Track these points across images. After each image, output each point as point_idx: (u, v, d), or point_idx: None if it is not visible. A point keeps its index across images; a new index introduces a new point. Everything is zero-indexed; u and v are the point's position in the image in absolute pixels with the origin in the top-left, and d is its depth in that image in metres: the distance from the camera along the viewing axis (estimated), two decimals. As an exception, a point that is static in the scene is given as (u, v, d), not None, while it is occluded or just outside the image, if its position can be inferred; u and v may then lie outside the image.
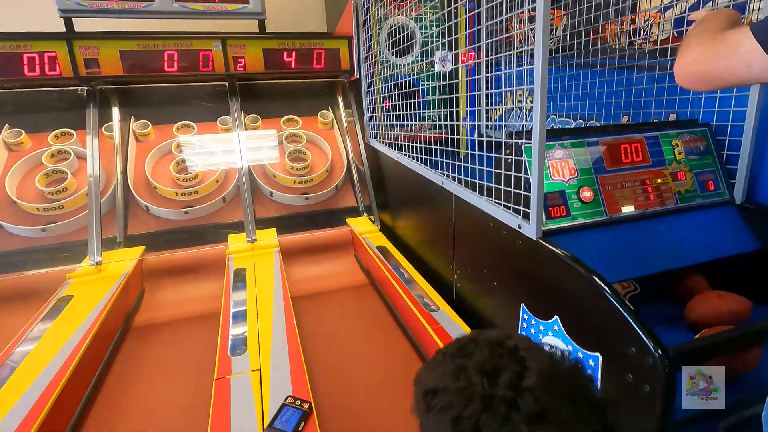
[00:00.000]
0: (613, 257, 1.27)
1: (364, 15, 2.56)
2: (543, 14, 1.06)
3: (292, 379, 1.34)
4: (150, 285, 2.31)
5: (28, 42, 2.18)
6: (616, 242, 1.31)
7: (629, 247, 1.31)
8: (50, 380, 1.36)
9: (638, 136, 1.43)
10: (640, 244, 1.31)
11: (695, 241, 1.38)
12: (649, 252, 1.32)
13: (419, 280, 1.96)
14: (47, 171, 2.48)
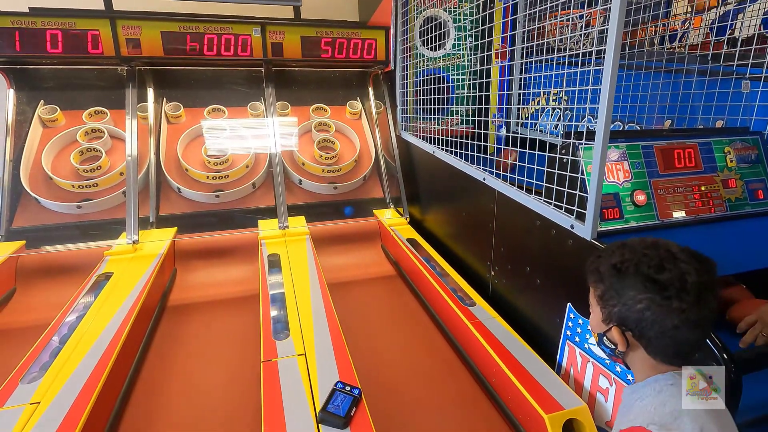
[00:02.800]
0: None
1: (403, 7, 2.55)
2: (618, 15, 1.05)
3: (338, 364, 1.37)
4: (182, 266, 2.34)
5: (72, 19, 2.18)
6: (667, 247, 1.31)
7: (679, 253, 1.31)
8: (101, 355, 1.39)
9: (691, 142, 1.43)
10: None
11: (742, 249, 1.39)
12: (699, 258, 1.32)
13: (453, 274, 1.98)
14: (82, 149, 2.51)
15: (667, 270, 0.75)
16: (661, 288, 0.75)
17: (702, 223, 1.38)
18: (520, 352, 1.42)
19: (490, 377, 1.46)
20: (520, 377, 1.31)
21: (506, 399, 1.36)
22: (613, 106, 1.12)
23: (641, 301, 0.76)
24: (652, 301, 0.75)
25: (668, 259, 0.77)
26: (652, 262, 0.77)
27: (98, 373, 1.31)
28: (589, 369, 1.28)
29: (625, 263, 0.80)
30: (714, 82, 1.70)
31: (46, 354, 1.42)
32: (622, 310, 0.79)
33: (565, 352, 1.38)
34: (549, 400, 1.21)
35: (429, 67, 2.82)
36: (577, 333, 1.32)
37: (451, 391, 1.52)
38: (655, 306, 0.75)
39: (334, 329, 1.55)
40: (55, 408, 1.17)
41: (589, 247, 1.24)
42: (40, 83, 2.55)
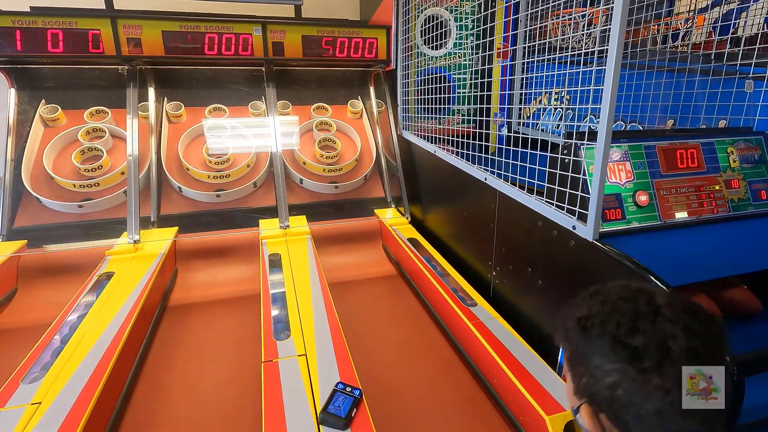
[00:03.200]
0: (666, 263, 1.27)
1: (405, 6, 2.54)
2: (620, 14, 1.05)
3: (339, 365, 1.37)
4: (183, 265, 2.34)
5: (73, 18, 2.18)
6: (669, 248, 1.31)
7: (681, 253, 1.31)
8: (102, 354, 1.39)
9: (694, 142, 1.42)
10: (692, 250, 1.31)
11: (745, 250, 1.38)
12: (701, 259, 1.31)
13: (453, 274, 1.97)
14: (83, 148, 2.51)
15: (642, 331, 0.56)
16: (634, 356, 0.56)
17: (704, 224, 1.37)
18: (521, 353, 1.42)
19: (491, 378, 1.45)
20: (521, 378, 1.30)
21: (507, 400, 1.36)
22: (615, 106, 1.11)
23: (610, 373, 0.57)
24: (624, 373, 0.56)
25: (646, 314, 0.58)
26: (623, 318, 0.58)
27: (99, 373, 1.31)
28: (591, 370, 1.27)
29: (592, 318, 0.61)
30: (717, 82, 1.69)
31: (47, 354, 1.43)
32: (590, 383, 0.59)
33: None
34: (550, 401, 1.21)
35: (430, 66, 2.81)
36: (579, 334, 1.31)
37: (451, 392, 1.52)
38: (627, 381, 0.56)
39: (334, 329, 1.55)
40: (57, 408, 1.17)
41: (591, 247, 1.23)
42: (42, 83, 2.55)
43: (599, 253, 1.20)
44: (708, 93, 1.71)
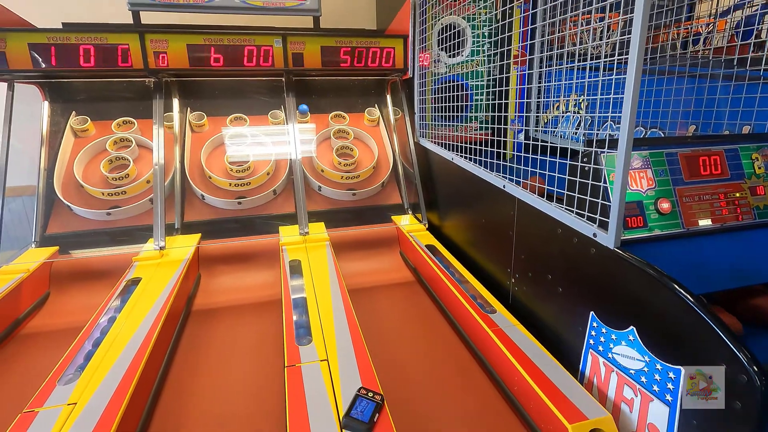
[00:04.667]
0: (690, 271, 1.26)
1: (422, 15, 2.57)
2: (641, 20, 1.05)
3: (360, 370, 1.39)
4: (205, 271, 2.40)
5: (104, 34, 2.28)
6: (692, 255, 1.30)
7: (705, 261, 1.30)
8: (133, 357, 1.44)
9: (717, 149, 1.41)
10: (716, 258, 1.30)
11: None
12: (726, 267, 1.30)
13: (472, 281, 1.98)
14: (111, 157, 2.60)
15: None
16: None
17: (729, 231, 1.35)
18: (541, 361, 1.41)
19: (512, 386, 1.45)
20: (543, 386, 1.30)
21: (528, 408, 1.36)
22: (636, 112, 1.12)
23: None
24: None
25: None
26: None
27: (131, 375, 1.36)
28: (614, 379, 1.27)
29: None
30: (740, 87, 1.67)
31: (80, 357, 1.48)
32: None
33: (588, 361, 1.37)
34: (572, 409, 1.21)
35: (447, 74, 2.83)
36: (601, 342, 1.31)
37: (471, 399, 1.52)
38: None
39: (355, 335, 1.58)
40: (91, 408, 1.21)
41: (612, 255, 1.23)
42: (72, 95, 2.67)
43: (621, 261, 1.20)
44: (731, 98, 1.69)
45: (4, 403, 1.50)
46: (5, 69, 2.26)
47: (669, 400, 1.08)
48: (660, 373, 1.10)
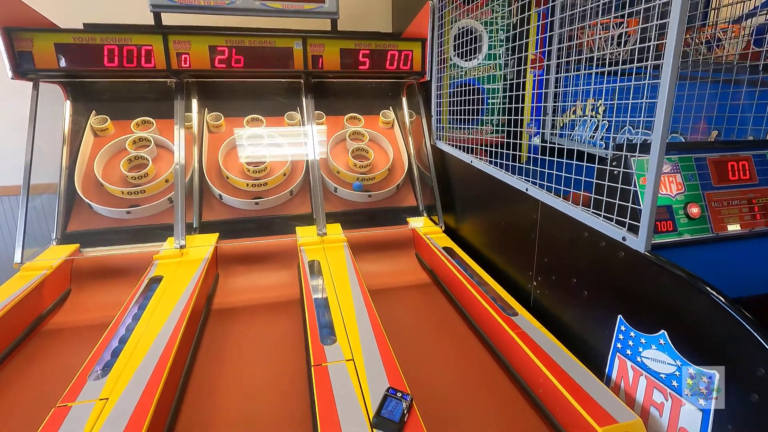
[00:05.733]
0: (721, 275, 1.26)
1: (440, 19, 2.59)
2: (678, 24, 1.06)
3: (386, 370, 1.39)
4: (223, 270, 2.42)
5: (128, 35, 2.31)
6: (722, 260, 1.30)
7: (735, 267, 1.30)
8: (160, 354, 1.46)
9: (745, 154, 1.41)
10: (747, 263, 1.30)
11: (800, 263, 1.36)
12: (757, 272, 1.30)
13: (492, 283, 1.98)
14: (130, 157, 2.63)
15: None
16: None
17: (759, 237, 1.35)
18: (567, 363, 1.42)
19: (536, 388, 1.46)
20: (570, 389, 1.30)
21: (555, 411, 1.36)
22: (670, 117, 1.12)
23: None
24: None
25: None
26: None
27: (159, 372, 1.37)
28: (642, 382, 1.27)
29: None
30: (765, 93, 1.67)
31: (108, 353, 1.50)
32: None
33: (615, 365, 1.37)
34: (601, 412, 1.21)
35: (463, 78, 2.85)
36: (629, 346, 1.31)
37: (495, 401, 1.52)
38: None
39: (379, 335, 1.58)
40: (123, 404, 1.23)
41: (642, 259, 1.23)
42: (93, 95, 2.70)
43: (651, 265, 1.21)
44: (756, 104, 1.69)
45: (32, 398, 1.52)
46: (32, 68, 2.29)
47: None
48: (693, 377, 1.10)
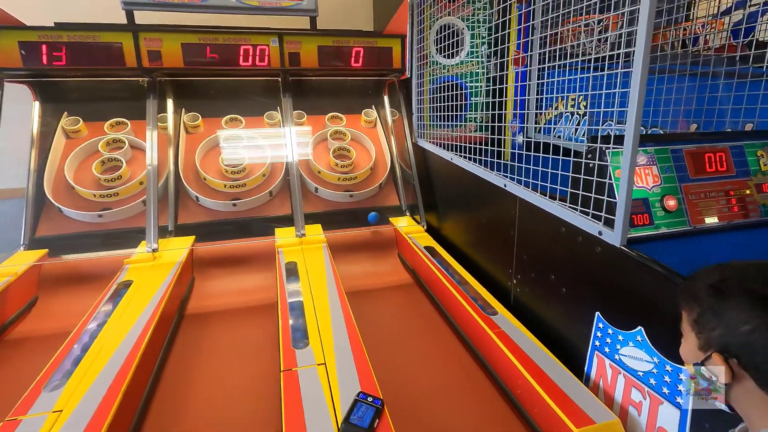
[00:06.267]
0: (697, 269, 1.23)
1: (419, 15, 2.55)
2: (647, 17, 1.03)
3: (359, 374, 1.34)
4: (199, 274, 2.35)
5: (96, 33, 2.24)
6: (700, 254, 1.26)
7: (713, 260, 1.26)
8: (122, 363, 1.39)
9: (722, 146, 1.39)
10: (724, 256, 1.26)
11: (779, 256, 1.33)
12: (734, 265, 1.27)
13: (472, 282, 1.94)
14: (103, 159, 2.55)
15: None
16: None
17: (736, 229, 1.33)
18: (545, 363, 1.38)
19: (515, 389, 1.41)
20: (547, 389, 1.26)
21: (533, 412, 1.31)
22: (642, 106, 1.09)
23: (748, 321, 0.67)
24: (762, 320, 0.66)
25: None
26: (759, 276, 0.71)
27: (119, 381, 1.30)
28: (621, 381, 1.23)
29: (727, 281, 0.73)
30: (742, 85, 1.65)
31: (68, 362, 1.43)
32: (723, 334, 0.71)
33: (594, 363, 1.33)
34: (579, 413, 1.17)
35: (444, 75, 2.81)
36: (607, 343, 1.27)
37: (473, 403, 1.48)
38: (765, 326, 0.66)
39: (353, 338, 1.53)
40: (78, 416, 1.16)
41: (619, 253, 1.20)
42: (64, 95, 2.61)
43: (628, 259, 1.17)
44: (733, 96, 1.67)
45: (-13, 411, 1.45)
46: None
47: (680, 403, 1.04)
48: (670, 374, 1.07)
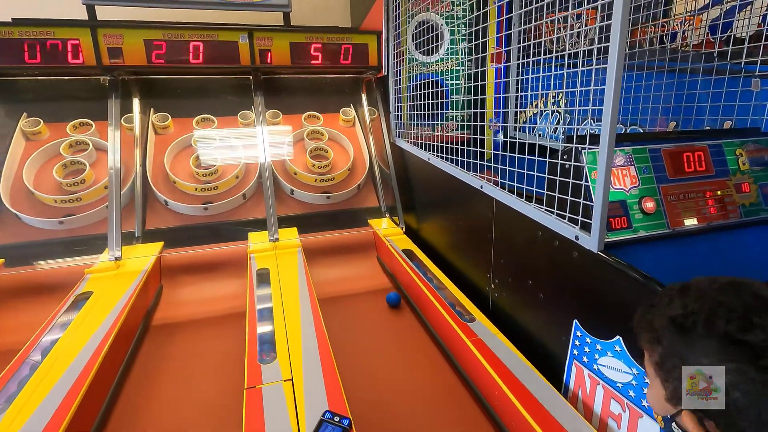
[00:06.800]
0: (677, 274, 1.18)
1: (395, 11, 2.48)
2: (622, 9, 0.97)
3: (327, 391, 1.27)
4: (168, 282, 2.24)
5: (51, 29, 2.11)
6: (679, 258, 1.22)
7: (693, 263, 1.22)
8: (74, 380, 1.30)
9: (701, 144, 1.34)
10: (704, 259, 1.23)
11: (757, 258, 1.29)
12: (714, 268, 1.23)
13: (450, 287, 1.88)
14: (65, 162, 2.42)
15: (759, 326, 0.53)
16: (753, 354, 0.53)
17: (716, 231, 1.28)
18: (523, 373, 1.32)
19: (492, 400, 1.36)
20: (524, 401, 1.21)
21: (510, 426, 1.26)
22: (618, 106, 1.03)
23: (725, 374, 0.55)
24: (742, 374, 0.53)
25: (758, 309, 0.55)
26: (733, 314, 0.56)
27: (70, 400, 1.21)
28: (599, 392, 1.18)
29: (691, 317, 0.59)
30: (720, 81, 1.62)
31: (13, 383, 1.32)
32: None
33: (572, 373, 1.28)
34: (557, 428, 1.11)
35: (423, 72, 2.74)
36: (585, 352, 1.22)
37: (450, 415, 1.41)
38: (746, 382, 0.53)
39: (324, 350, 1.46)
40: (17, 445, 1.07)
41: (596, 259, 1.14)
42: (23, 95, 2.47)
43: (605, 265, 1.12)
44: (711, 93, 1.64)
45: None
46: (-60, 66, 2.08)
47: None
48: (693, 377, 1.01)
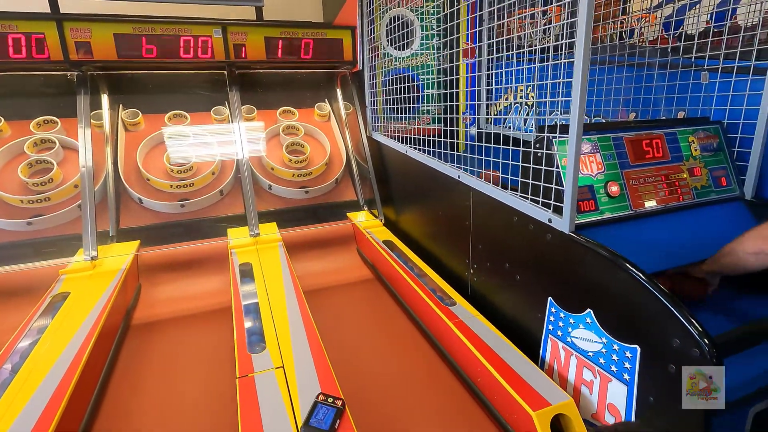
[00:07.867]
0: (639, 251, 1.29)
1: (369, 5, 2.51)
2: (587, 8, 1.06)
3: (319, 375, 1.31)
4: (147, 281, 2.21)
5: (13, 22, 2.02)
6: (641, 236, 1.33)
7: (653, 241, 1.34)
8: (58, 382, 1.28)
9: (658, 132, 1.46)
10: (663, 238, 1.35)
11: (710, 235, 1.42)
12: (672, 246, 1.35)
13: (431, 274, 1.95)
14: (31, 161, 2.33)
15: None
16: None
17: (672, 212, 1.41)
18: (503, 350, 1.40)
19: (475, 377, 1.43)
20: (505, 375, 1.29)
21: (492, 399, 1.34)
22: (586, 94, 1.12)
23: None
24: None
25: None
26: None
27: (56, 402, 1.19)
28: (573, 362, 1.27)
29: None
30: (674, 75, 1.75)
31: (-6, 386, 1.29)
32: None
33: (548, 346, 1.38)
34: (535, 396, 1.20)
35: (397, 67, 2.80)
36: (559, 327, 1.31)
37: (436, 395, 1.49)
38: None
39: (312, 338, 1.49)
40: (6, 446, 1.05)
41: (568, 239, 1.23)
42: (-20, 92, 2.36)
43: (576, 245, 1.21)
44: (666, 86, 1.77)
45: None
46: None
47: (626, 379, 1.09)
48: (617, 353, 1.12)
